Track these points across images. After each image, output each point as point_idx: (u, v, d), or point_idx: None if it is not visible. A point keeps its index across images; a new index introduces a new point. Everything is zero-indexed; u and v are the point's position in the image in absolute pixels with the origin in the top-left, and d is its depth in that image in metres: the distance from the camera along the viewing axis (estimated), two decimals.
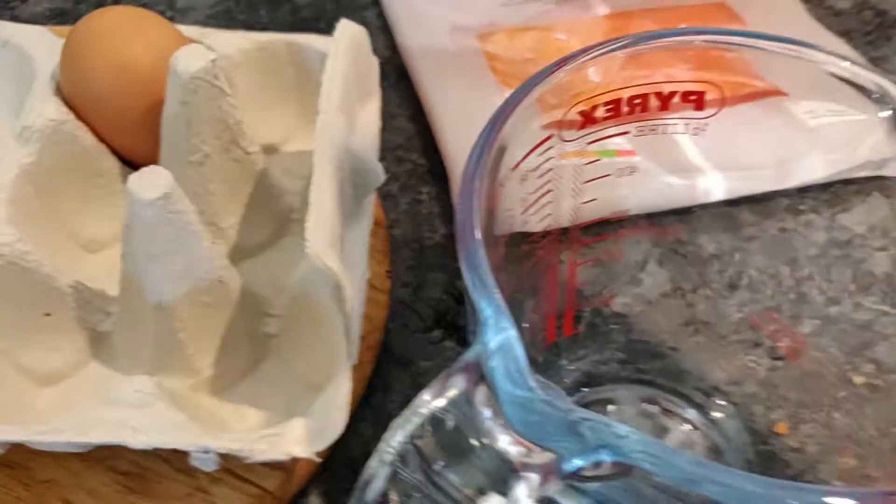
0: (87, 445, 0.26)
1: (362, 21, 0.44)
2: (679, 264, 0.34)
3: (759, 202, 0.36)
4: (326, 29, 0.33)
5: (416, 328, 0.32)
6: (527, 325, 0.28)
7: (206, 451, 0.23)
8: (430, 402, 0.17)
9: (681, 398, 0.31)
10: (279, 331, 0.29)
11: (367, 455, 0.29)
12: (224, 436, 0.24)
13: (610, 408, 0.31)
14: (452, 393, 0.17)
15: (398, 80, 0.41)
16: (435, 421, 0.17)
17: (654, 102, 0.25)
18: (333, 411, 0.24)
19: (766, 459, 0.30)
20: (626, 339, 0.32)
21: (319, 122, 0.26)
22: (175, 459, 0.26)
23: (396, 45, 0.42)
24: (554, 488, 0.16)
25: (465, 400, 0.17)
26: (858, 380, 0.29)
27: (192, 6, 0.45)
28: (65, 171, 0.30)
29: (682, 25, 0.44)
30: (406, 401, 0.30)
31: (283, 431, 0.24)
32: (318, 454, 0.24)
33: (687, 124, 0.27)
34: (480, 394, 0.17)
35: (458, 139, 0.37)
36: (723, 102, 0.27)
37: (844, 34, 0.45)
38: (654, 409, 0.31)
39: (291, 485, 0.26)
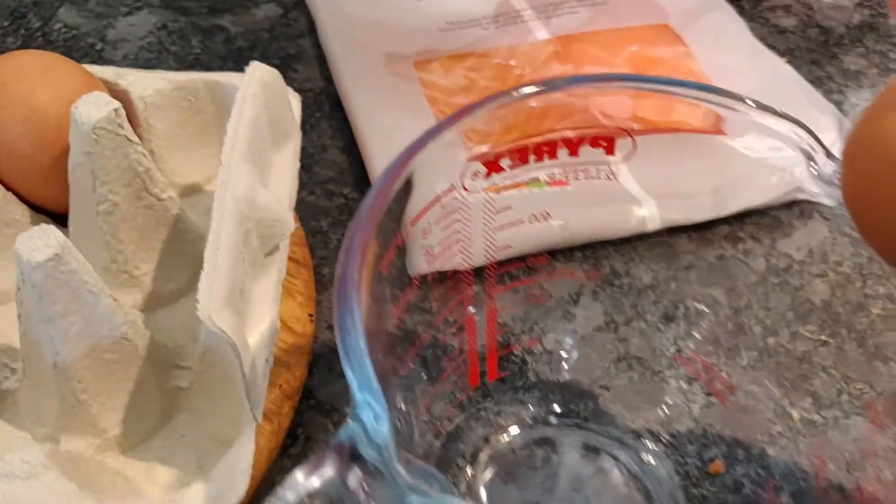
0: None
1: (298, 49, 0.44)
2: (614, 296, 0.33)
3: (697, 230, 0.36)
4: (262, 59, 0.32)
5: (340, 372, 0.31)
6: (446, 369, 0.28)
7: None
8: (301, 484, 0.16)
9: (613, 440, 0.30)
10: (191, 384, 0.28)
11: None
12: None
13: (553, 457, 0.30)
14: (326, 475, 0.16)
15: (332, 110, 0.40)
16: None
17: (563, 149, 0.24)
18: (235, 476, 0.23)
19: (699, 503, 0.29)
20: (557, 378, 0.32)
21: (220, 173, 0.25)
22: None
23: (332, 74, 0.41)
24: None
25: (338, 484, 0.16)
26: (796, 414, 0.28)
27: (123, 38, 0.44)
28: None
29: (626, 48, 0.43)
30: None
31: (179, 499, 0.23)
32: None
33: (598, 169, 0.26)
34: (354, 477, 0.16)
35: None
36: (634, 145, 0.26)
37: (788, 52, 0.45)
38: (592, 452, 0.30)
39: None
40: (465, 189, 0.23)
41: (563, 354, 0.32)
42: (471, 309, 0.27)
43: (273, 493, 0.17)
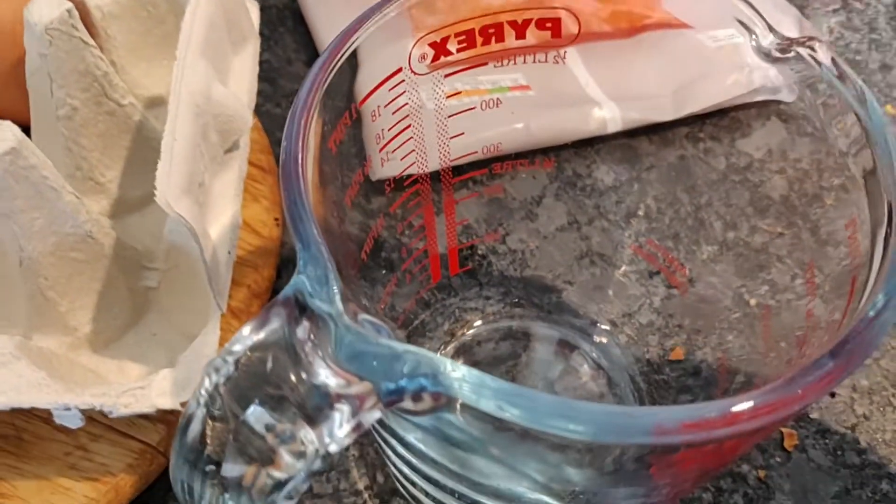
0: None
1: None
2: (576, 198, 0.34)
3: (658, 132, 0.36)
4: None
5: None
6: (406, 261, 0.28)
7: (68, 408, 0.23)
8: (247, 337, 0.17)
9: (576, 332, 0.31)
10: (159, 284, 0.28)
11: None
12: (85, 391, 0.23)
13: (518, 349, 0.30)
14: (271, 327, 0.17)
15: (296, 25, 0.40)
16: (252, 358, 0.17)
17: (508, 31, 0.25)
18: (201, 361, 0.24)
19: (660, 388, 0.30)
20: (520, 274, 0.32)
21: (175, 67, 0.26)
22: (53, 419, 0.26)
23: None
24: (369, 417, 0.16)
25: (286, 335, 0.17)
26: (753, 301, 0.29)
27: None
28: None
29: None
30: None
31: (147, 384, 0.23)
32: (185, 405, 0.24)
33: (546, 53, 0.26)
34: (302, 329, 0.17)
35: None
36: (578, 32, 0.26)
37: None
38: (557, 344, 0.31)
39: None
40: (413, 72, 0.23)
41: (526, 253, 0.33)
42: (430, 207, 0.27)
43: (220, 351, 0.17)
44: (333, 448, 0.16)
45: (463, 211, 0.30)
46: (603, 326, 0.31)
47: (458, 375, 0.16)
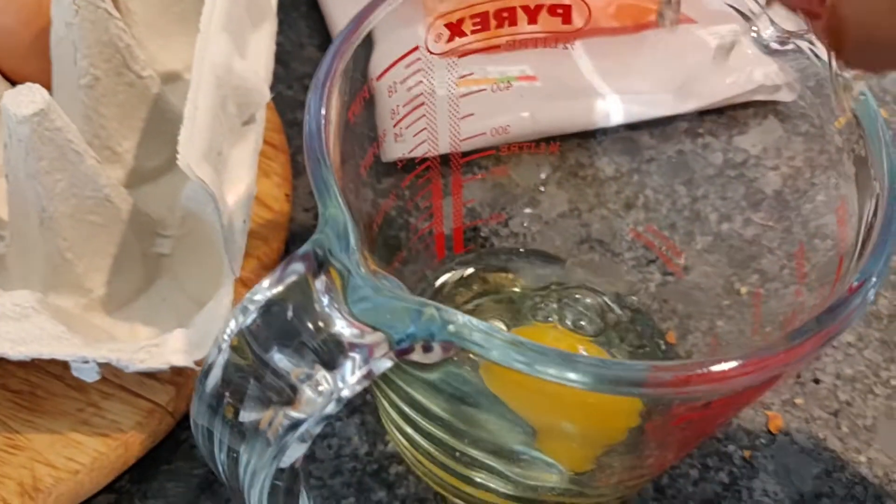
0: None
1: None
2: (578, 186, 0.35)
3: (658, 126, 0.37)
4: None
5: None
6: (415, 241, 0.29)
7: (85, 361, 0.24)
8: (267, 289, 0.18)
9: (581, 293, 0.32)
10: (171, 251, 0.29)
11: None
12: (102, 346, 0.24)
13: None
14: (291, 280, 0.18)
15: (309, 9, 0.41)
16: (273, 308, 0.18)
17: (521, 15, 0.26)
18: (215, 322, 0.25)
19: None
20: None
21: (198, 39, 0.27)
22: (67, 376, 0.26)
23: None
24: (380, 365, 0.17)
25: (304, 288, 0.18)
26: (743, 289, 0.30)
27: None
28: None
29: None
30: None
31: (162, 342, 0.24)
32: (199, 364, 0.25)
33: (557, 39, 0.27)
34: (320, 282, 0.18)
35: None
36: (587, 21, 0.27)
37: None
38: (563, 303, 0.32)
39: (183, 399, 0.27)
40: (429, 51, 0.24)
41: (528, 237, 0.34)
42: (439, 186, 0.28)
43: (240, 302, 0.18)
44: (346, 393, 0.17)
45: (468, 192, 0.31)
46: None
47: (469, 326, 0.17)
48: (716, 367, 0.16)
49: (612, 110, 0.37)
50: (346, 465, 0.28)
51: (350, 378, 0.17)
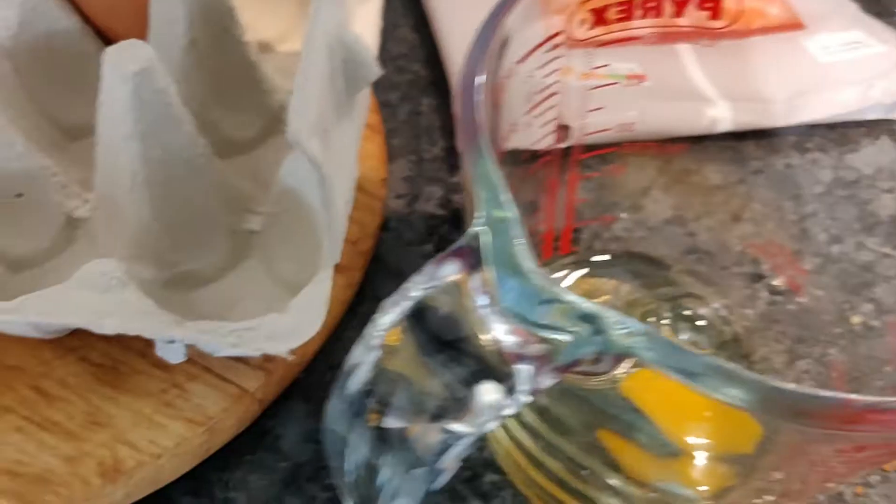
0: (52, 328, 0.25)
1: None
2: (683, 192, 0.33)
3: (765, 137, 0.35)
4: None
5: (408, 240, 0.31)
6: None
7: (172, 341, 0.22)
8: (421, 285, 0.16)
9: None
10: (263, 228, 0.27)
11: None
12: (191, 325, 0.22)
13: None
14: (445, 277, 0.16)
15: None
16: (426, 307, 0.16)
17: (668, 7, 0.24)
18: (312, 309, 0.23)
19: None
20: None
21: (313, 5, 0.25)
22: (150, 353, 0.25)
23: None
24: (548, 379, 0.15)
25: (458, 285, 0.16)
26: (855, 319, 0.28)
27: None
28: (46, 50, 0.28)
29: None
30: None
31: (255, 326, 0.23)
32: (294, 353, 0.23)
33: (700, 34, 0.25)
34: (476, 280, 0.16)
35: (461, 50, 0.35)
36: (739, 15, 0.25)
37: None
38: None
39: (272, 386, 0.26)
40: (571, 37, 0.23)
41: (631, 242, 0.32)
42: (556, 181, 0.26)
43: (390, 298, 0.16)
44: (510, 409, 0.15)
45: (579, 191, 0.29)
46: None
47: (659, 339, 0.15)
48: None
49: (721, 117, 0.35)
50: None
51: (518, 391, 0.15)
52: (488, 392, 0.15)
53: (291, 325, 0.23)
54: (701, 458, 0.21)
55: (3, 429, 0.24)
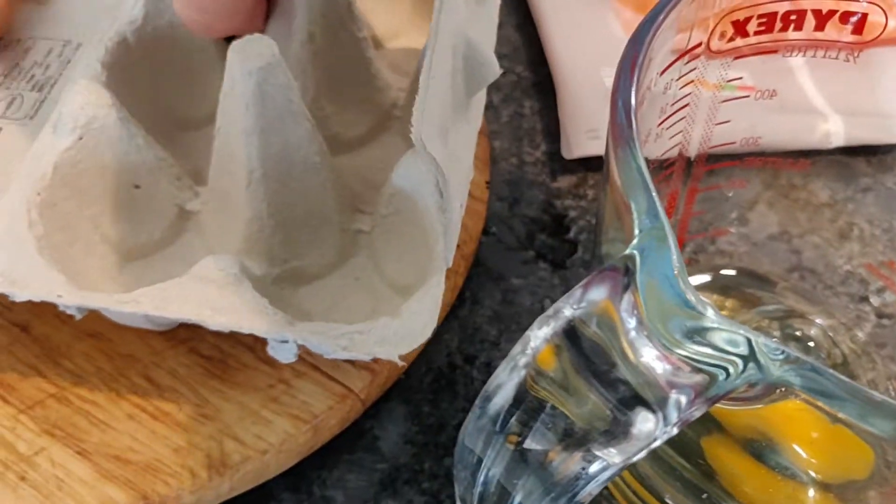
0: (166, 321, 0.25)
1: None
2: (789, 208, 0.32)
3: (876, 154, 0.34)
4: None
5: (509, 244, 0.31)
6: None
7: (285, 341, 0.22)
8: (571, 307, 0.16)
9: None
10: (372, 229, 0.27)
11: (451, 366, 0.28)
12: (304, 326, 0.22)
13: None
14: (595, 299, 0.16)
15: None
16: (576, 328, 0.16)
17: (810, 20, 0.23)
18: (424, 314, 0.23)
19: None
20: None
21: (436, 3, 0.24)
22: (259, 349, 0.25)
23: None
24: (699, 412, 0.15)
25: (610, 308, 0.16)
26: None
27: None
28: (167, 41, 0.29)
29: None
30: (495, 316, 0.29)
31: (368, 330, 0.22)
32: (402, 358, 0.23)
33: (840, 48, 0.24)
34: (626, 302, 0.16)
35: (568, 52, 0.35)
36: (885, 28, 0.24)
37: None
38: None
39: (375, 388, 0.25)
40: (710, 49, 0.22)
41: (736, 257, 0.31)
42: (676, 193, 0.26)
43: (538, 319, 0.16)
44: (660, 440, 0.15)
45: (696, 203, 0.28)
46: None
47: (802, 366, 0.14)
48: None
49: (833, 131, 0.34)
50: None
51: (671, 421, 0.14)
52: (645, 420, 0.14)
53: (403, 329, 0.23)
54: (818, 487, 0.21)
55: (117, 415, 0.24)
